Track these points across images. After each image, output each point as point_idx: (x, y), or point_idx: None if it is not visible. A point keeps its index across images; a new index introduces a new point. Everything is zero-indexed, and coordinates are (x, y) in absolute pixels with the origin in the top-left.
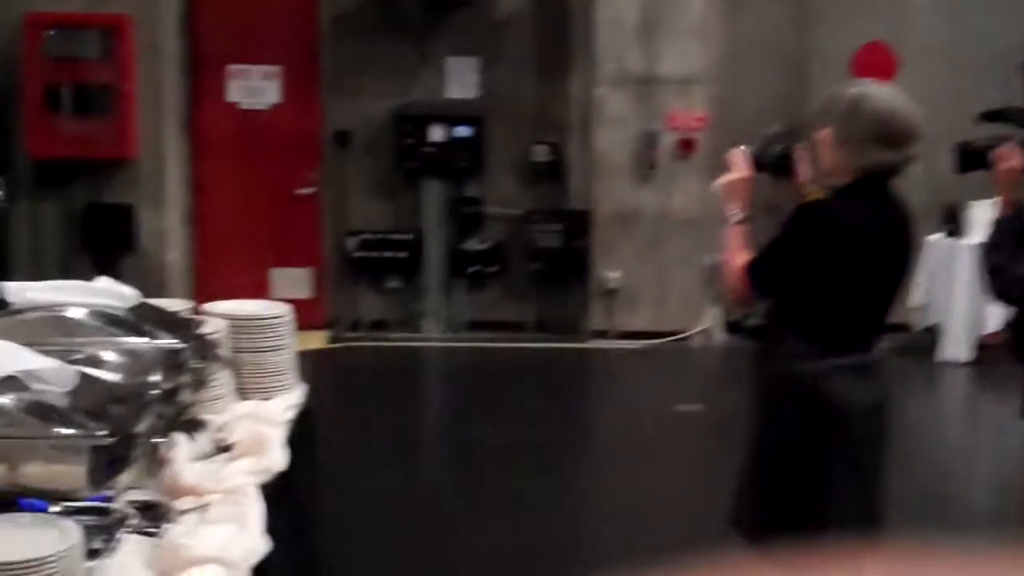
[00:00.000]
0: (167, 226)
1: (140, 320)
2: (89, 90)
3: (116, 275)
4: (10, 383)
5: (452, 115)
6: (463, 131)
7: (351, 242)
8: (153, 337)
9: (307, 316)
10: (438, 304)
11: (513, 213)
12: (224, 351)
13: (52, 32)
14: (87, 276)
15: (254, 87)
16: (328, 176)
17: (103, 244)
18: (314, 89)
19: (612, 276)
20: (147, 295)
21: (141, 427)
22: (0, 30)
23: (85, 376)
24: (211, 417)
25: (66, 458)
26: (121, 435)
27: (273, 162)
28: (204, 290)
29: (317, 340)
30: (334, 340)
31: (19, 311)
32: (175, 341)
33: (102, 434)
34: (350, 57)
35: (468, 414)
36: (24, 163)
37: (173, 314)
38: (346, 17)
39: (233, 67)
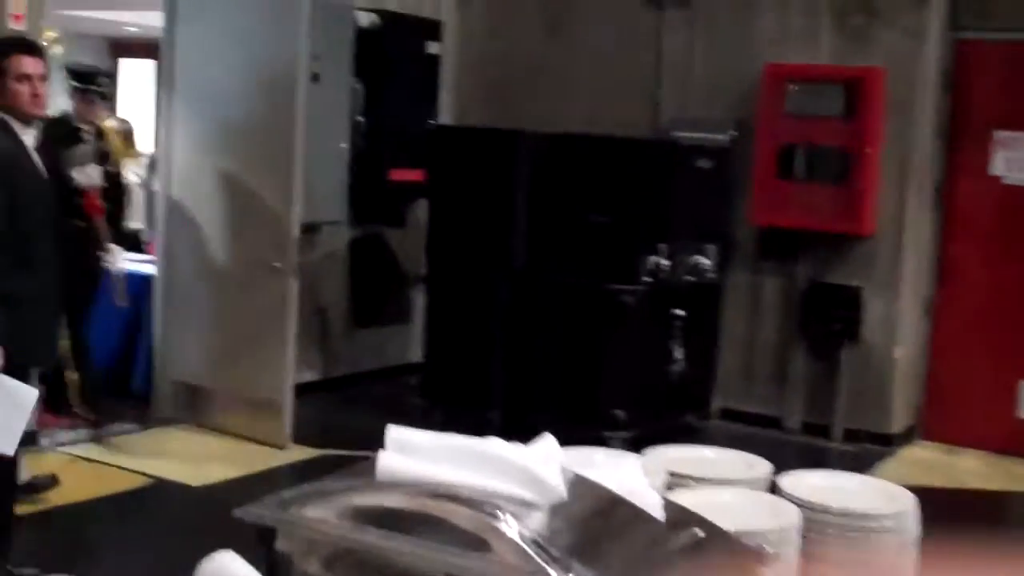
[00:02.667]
0: (899, 316)
1: (558, 537)
2: (824, 153)
3: (834, 366)
4: None
5: None
6: None
7: None
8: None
9: None
10: None
11: None
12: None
13: (794, 87)
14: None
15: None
16: None
17: (822, 330)
18: None
19: None
20: (866, 393)
21: None
22: (739, 81)
23: None
24: None
25: None
26: None
27: None
28: (935, 396)
29: None
30: None
31: (396, 486)
32: None
33: None
34: None
35: None
36: (746, 231)
37: (640, 515)
38: None
39: (1001, 134)
